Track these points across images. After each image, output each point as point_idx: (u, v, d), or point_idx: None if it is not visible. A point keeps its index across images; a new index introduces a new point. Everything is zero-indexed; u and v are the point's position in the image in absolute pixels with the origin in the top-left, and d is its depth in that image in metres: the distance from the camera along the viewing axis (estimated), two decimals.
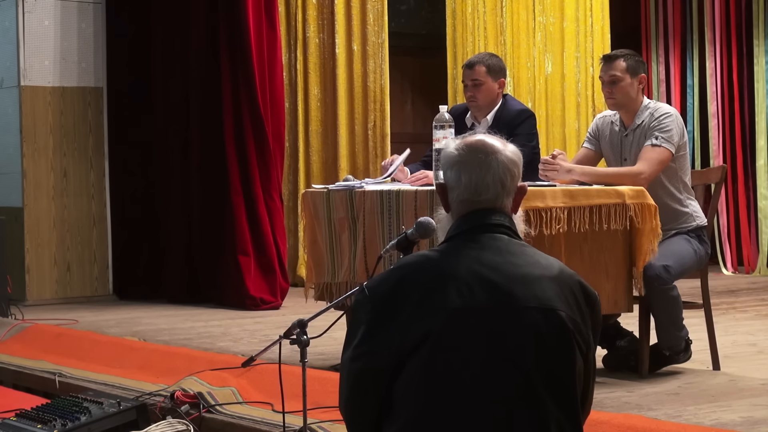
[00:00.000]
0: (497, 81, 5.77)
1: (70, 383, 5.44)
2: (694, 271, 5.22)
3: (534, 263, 2.70)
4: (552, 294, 2.65)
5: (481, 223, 2.75)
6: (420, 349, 2.60)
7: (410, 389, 2.61)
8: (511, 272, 2.66)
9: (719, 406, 4.31)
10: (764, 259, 9.72)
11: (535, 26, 10.22)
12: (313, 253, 5.50)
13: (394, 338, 2.63)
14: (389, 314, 2.66)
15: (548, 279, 2.67)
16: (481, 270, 2.65)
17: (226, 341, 6.29)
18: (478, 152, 2.80)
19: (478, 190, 2.77)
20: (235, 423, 4.48)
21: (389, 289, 2.69)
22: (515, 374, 2.59)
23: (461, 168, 2.79)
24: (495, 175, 2.78)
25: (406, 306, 2.65)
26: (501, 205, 2.79)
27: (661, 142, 5.07)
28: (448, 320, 2.60)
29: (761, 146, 9.80)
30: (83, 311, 7.88)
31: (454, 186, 2.80)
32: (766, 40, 9.80)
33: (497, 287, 2.63)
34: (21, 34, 8.58)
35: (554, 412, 2.59)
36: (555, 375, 2.61)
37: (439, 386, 2.59)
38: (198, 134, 8.39)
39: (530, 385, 2.59)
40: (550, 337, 2.61)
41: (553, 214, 4.68)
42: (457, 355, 2.59)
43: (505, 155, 2.81)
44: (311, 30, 9.28)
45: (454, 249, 2.73)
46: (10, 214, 8.37)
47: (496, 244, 2.72)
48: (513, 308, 2.61)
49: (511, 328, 2.60)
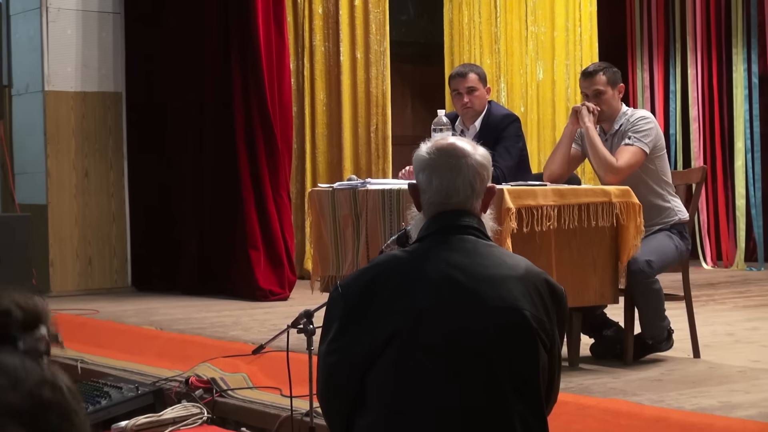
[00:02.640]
0: (485, 88, 5.83)
1: (92, 369, 5.46)
2: (676, 265, 5.24)
3: (501, 264, 2.66)
4: (517, 293, 2.60)
5: (451, 224, 2.70)
6: (389, 346, 2.56)
7: (380, 385, 2.58)
8: (478, 273, 2.61)
9: (699, 392, 4.32)
10: (741, 255, 9.73)
11: (528, 35, 10.23)
12: (318, 248, 5.51)
13: (365, 335, 2.60)
14: (361, 312, 2.63)
15: (514, 279, 2.62)
16: (449, 271, 2.61)
17: (238, 330, 6.30)
18: (449, 156, 2.75)
19: (449, 193, 2.71)
20: (246, 407, 4.49)
21: (361, 288, 2.66)
22: (480, 371, 2.55)
23: (432, 171, 2.74)
24: (465, 179, 2.72)
25: (376, 305, 2.61)
26: (470, 207, 2.73)
27: (634, 141, 5.13)
28: (416, 319, 2.57)
29: (739, 148, 9.81)
30: (103, 302, 7.88)
31: (426, 188, 2.74)
32: (743, 48, 9.80)
33: (464, 288, 2.59)
34: (45, 43, 8.59)
35: (518, 407, 2.56)
36: (519, 371, 2.57)
37: (407, 382, 2.55)
38: (211, 136, 8.40)
39: (495, 381, 2.56)
40: (514, 335, 2.58)
41: (544, 211, 4.69)
42: (424, 353, 2.56)
43: (475, 159, 2.75)
44: (317, 39, 9.29)
45: (424, 250, 2.69)
46: (35, 211, 8.38)
47: (464, 246, 2.67)
48: (479, 307, 2.58)
49: (476, 326, 2.57)
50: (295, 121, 8.95)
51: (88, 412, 4.33)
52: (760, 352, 5.31)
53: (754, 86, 9.75)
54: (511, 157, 5.71)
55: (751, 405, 4.03)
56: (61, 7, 8.65)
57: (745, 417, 3.78)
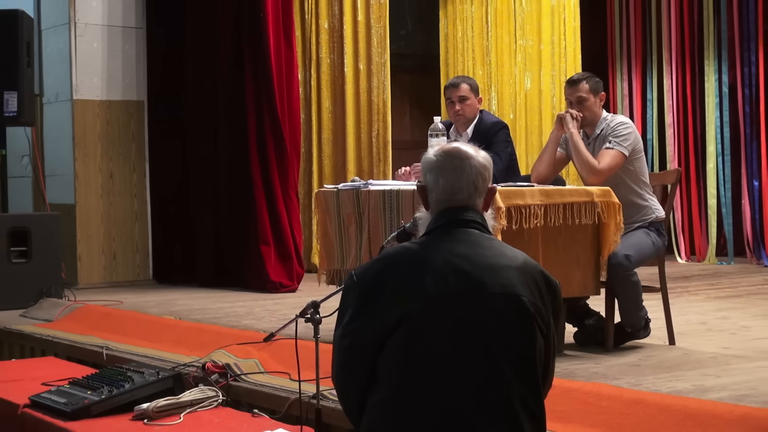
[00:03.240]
0: (477, 98, 5.86)
1: (116, 355, 5.46)
2: (653, 259, 5.23)
3: (501, 254, 2.69)
4: (516, 281, 2.63)
5: (456, 218, 2.75)
6: (399, 329, 2.59)
7: (391, 364, 2.60)
8: (481, 262, 2.64)
9: (674, 376, 4.32)
10: (713, 250, 9.73)
11: (516, 49, 10.23)
12: (324, 244, 5.51)
13: (377, 319, 2.63)
14: (373, 298, 2.65)
15: (513, 269, 2.66)
16: (454, 260, 2.64)
17: (250, 319, 6.29)
18: (453, 158, 2.80)
19: (454, 191, 2.76)
20: (257, 390, 4.48)
21: (373, 276, 2.69)
22: (482, 352, 2.57)
23: (439, 172, 2.79)
24: (468, 178, 2.77)
25: (388, 290, 2.64)
26: (473, 203, 2.78)
27: (614, 145, 5.13)
28: (424, 304, 2.59)
29: (711, 152, 9.80)
30: (127, 293, 7.89)
31: (433, 187, 2.79)
32: (715, 61, 9.80)
33: (468, 275, 2.62)
34: (73, 55, 8.59)
35: (517, 386, 2.57)
36: (518, 352, 2.59)
37: (415, 362, 2.57)
38: (226, 141, 8.40)
39: (495, 362, 2.57)
40: (513, 319, 2.60)
41: (531, 210, 4.68)
42: (431, 334, 2.58)
43: (477, 161, 2.80)
44: (323, 51, 9.28)
45: (432, 242, 2.72)
46: (63, 210, 8.38)
47: (468, 238, 2.71)
48: (481, 294, 2.61)
49: (479, 311, 2.59)
50: (303, 127, 8.95)
51: (112, 395, 4.33)
52: (730, 339, 5.31)
53: (724, 95, 9.75)
54: (501, 160, 5.72)
55: (722, 388, 4.02)
56: (88, 22, 8.64)
57: (716, 399, 3.77)
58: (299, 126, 8.50)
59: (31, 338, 6.37)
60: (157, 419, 4.18)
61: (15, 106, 7.77)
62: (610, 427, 3.57)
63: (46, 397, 4.47)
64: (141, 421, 4.17)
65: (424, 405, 2.56)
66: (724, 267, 9.32)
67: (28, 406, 4.50)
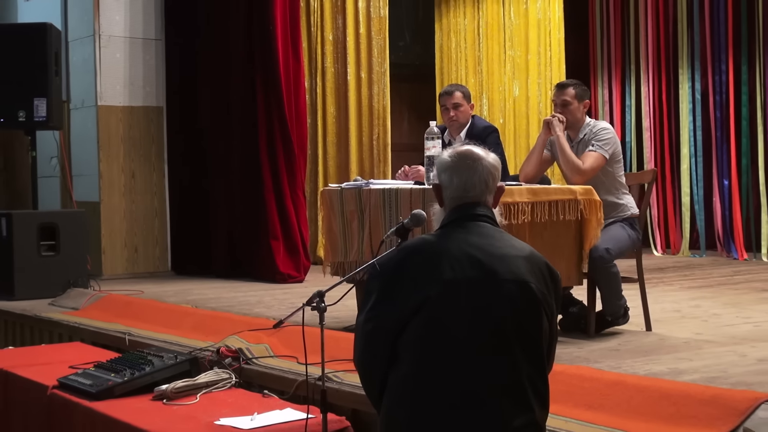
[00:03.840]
0: (469, 104, 5.86)
1: (137, 341, 5.46)
2: (630, 252, 5.24)
3: (510, 246, 2.73)
4: (525, 270, 2.67)
5: (469, 213, 2.79)
6: (420, 311, 2.62)
7: (412, 343, 2.62)
8: (493, 252, 2.68)
9: (651, 360, 4.32)
10: (686, 243, 9.73)
11: (506, 58, 10.23)
12: (329, 238, 5.51)
13: (399, 303, 2.65)
14: (395, 285, 2.69)
15: (521, 258, 2.70)
16: (468, 249, 2.67)
17: (261, 308, 6.30)
18: (467, 159, 2.84)
19: (467, 188, 2.80)
20: (267, 372, 4.48)
21: (395, 265, 2.72)
22: (495, 332, 2.60)
23: (454, 171, 2.83)
24: (480, 177, 2.82)
25: (408, 278, 2.67)
26: (484, 200, 2.83)
27: (596, 148, 5.14)
28: (442, 289, 2.62)
29: (684, 154, 9.80)
30: (147, 284, 7.89)
31: (448, 185, 2.83)
32: (688, 70, 9.80)
33: (481, 263, 2.65)
34: (98, 65, 8.58)
35: (526, 367, 2.60)
36: (526, 333, 2.62)
37: (435, 341, 2.61)
38: (238, 144, 8.40)
39: (506, 342, 2.60)
40: (522, 304, 2.63)
41: (519, 207, 4.68)
42: (449, 316, 2.61)
43: (488, 161, 2.85)
44: (328, 61, 9.28)
45: (447, 233, 2.76)
46: (89, 207, 8.38)
47: (480, 230, 2.75)
48: (494, 280, 2.64)
49: (492, 296, 2.62)
50: (310, 131, 8.95)
51: (134, 377, 4.33)
52: (702, 326, 5.31)
53: (697, 101, 9.75)
54: None
55: (694, 371, 4.03)
56: (111, 34, 8.64)
57: (689, 381, 3.78)
58: (306, 130, 8.49)
59: (60, 325, 6.37)
60: (175, 399, 4.18)
61: (44, 112, 7.77)
62: (592, 407, 3.57)
63: (73, 379, 4.47)
64: (160, 401, 4.17)
65: (442, 383, 2.58)
66: (697, 259, 9.32)
67: (57, 387, 4.50)
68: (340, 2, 9.27)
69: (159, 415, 3.96)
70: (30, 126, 7.84)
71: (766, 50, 9.12)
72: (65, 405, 4.36)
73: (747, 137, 9.35)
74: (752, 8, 9.26)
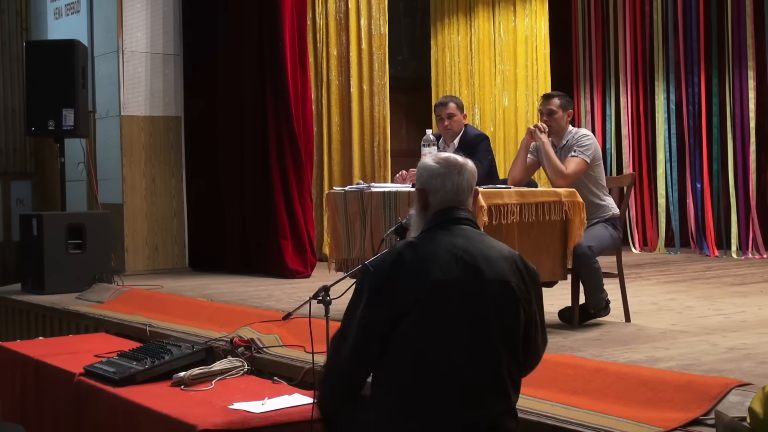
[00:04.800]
0: (462, 114, 5.86)
1: (157, 332, 5.46)
2: (611, 249, 5.23)
3: (491, 247, 2.72)
4: (505, 269, 2.66)
5: (453, 217, 2.76)
6: (413, 309, 2.60)
7: (406, 338, 2.61)
8: (477, 253, 2.66)
9: (630, 348, 4.32)
10: (662, 241, 9.72)
11: (496, 72, 10.22)
12: (334, 237, 5.50)
13: (390, 303, 2.63)
14: (387, 286, 2.66)
15: (502, 258, 2.69)
16: (455, 251, 2.66)
17: (271, 301, 6.29)
18: (454, 165, 2.83)
19: (458, 192, 2.79)
20: (277, 360, 4.48)
21: (387, 267, 2.69)
22: (482, 328, 2.59)
23: (445, 177, 2.80)
24: (467, 181, 2.81)
25: (400, 279, 2.64)
26: (468, 204, 2.81)
27: (579, 153, 5.13)
28: (431, 289, 2.61)
29: (660, 159, 9.80)
30: (166, 279, 7.88)
31: (440, 189, 2.80)
32: (663, 82, 9.78)
33: (467, 264, 2.64)
34: (121, 78, 8.59)
35: (505, 357, 2.60)
36: (506, 327, 2.63)
37: (427, 335, 2.59)
38: (250, 152, 8.39)
39: (491, 337, 2.59)
40: (504, 301, 2.63)
41: (508, 208, 4.68)
42: (438, 313, 2.60)
43: (469, 167, 2.86)
44: (333, 75, 9.27)
45: (434, 236, 2.73)
46: (113, 208, 8.38)
47: (464, 233, 2.73)
48: (479, 280, 2.63)
49: (477, 293, 2.62)
50: (316, 139, 8.94)
51: (154, 365, 4.32)
52: (677, 317, 5.30)
53: (671, 111, 9.74)
54: (483, 166, 5.71)
55: (670, 359, 4.02)
56: (133, 50, 8.64)
57: (665, 368, 3.77)
58: (312, 137, 8.49)
59: (86, 317, 6.37)
60: (192, 385, 4.17)
61: (72, 121, 7.78)
62: (576, 392, 3.56)
63: (98, 367, 4.46)
64: (178, 387, 4.16)
65: (433, 368, 2.57)
66: (672, 256, 9.31)
67: (83, 374, 4.50)
68: (344, 20, 9.26)
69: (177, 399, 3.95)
70: (59, 134, 7.85)
71: (735, 64, 9.12)
72: (91, 391, 4.35)
73: (718, 144, 9.34)
74: (722, 25, 9.27)
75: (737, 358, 4.01)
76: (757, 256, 8.84)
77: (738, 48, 9.09)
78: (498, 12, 10.25)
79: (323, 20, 9.23)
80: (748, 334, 4.62)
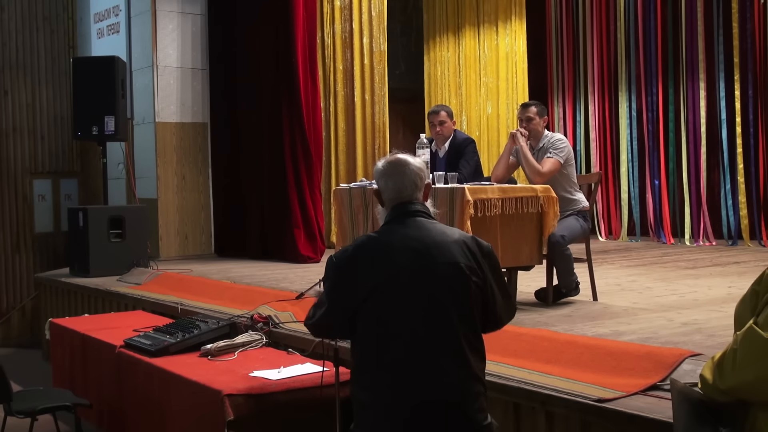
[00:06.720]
0: (452, 121, 5.85)
1: (188, 309, 5.46)
2: (581, 238, 5.22)
3: (442, 233, 2.67)
4: (455, 252, 2.62)
5: (406, 211, 2.71)
6: (373, 295, 2.57)
7: (369, 320, 2.58)
8: (428, 241, 2.62)
9: (597, 323, 4.32)
10: (625, 231, 9.71)
11: (480, 84, 10.21)
12: (340, 227, 5.50)
13: (352, 290, 2.61)
14: (349, 275, 2.63)
15: (451, 242, 2.64)
16: (408, 242, 2.62)
17: (286, 283, 6.29)
18: (397, 165, 2.77)
19: (400, 189, 2.73)
20: (291, 335, 4.48)
21: (348, 258, 2.66)
22: (436, 306, 2.56)
23: (388, 177, 2.76)
24: (409, 179, 2.74)
25: (360, 269, 2.61)
26: (416, 197, 2.75)
27: (553, 155, 5.12)
28: (389, 276, 2.57)
29: (624, 159, 9.79)
30: (195, 264, 7.88)
31: (385, 189, 2.76)
32: (626, 92, 9.77)
33: (420, 252, 2.60)
34: (155, 89, 8.57)
35: (462, 327, 2.57)
36: (460, 302, 2.58)
37: (387, 317, 2.56)
38: (268, 153, 8.38)
39: (445, 313, 2.56)
40: (454, 281, 2.59)
41: (492, 202, 4.67)
42: (396, 297, 2.56)
43: (415, 165, 2.77)
44: (339, 86, 9.25)
45: (390, 229, 2.70)
46: (149, 203, 8.38)
47: (416, 224, 2.68)
48: (431, 264, 2.59)
49: (430, 277, 2.58)
50: (324, 142, 8.93)
51: (184, 338, 4.33)
52: (638, 296, 5.30)
53: (633, 118, 9.73)
54: (470, 166, 5.71)
55: (632, 333, 4.02)
56: (166, 65, 8.62)
57: (628, 341, 3.77)
58: (321, 141, 8.48)
59: (125, 297, 6.37)
60: (217, 356, 4.18)
61: (113, 127, 7.78)
62: (550, 361, 3.56)
63: (136, 340, 4.47)
64: (206, 358, 4.17)
65: (396, 344, 2.54)
66: (633, 243, 9.31)
67: (123, 347, 4.50)
68: (349, 39, 9.24)
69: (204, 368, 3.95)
70: (101, 138, 7.85)
71: (689, 77, 9.11)
72: (130, 361, 4.36)
73: (673, 146, 9.34)
74: (677, 43, 9.28)
75: (690, 331, 4.01)
76: (707, 244, 8.84)
77: (691, 63, 9.08)
78: (482, 32, 10.24)
79: (331, 39, 9.21)
80: (699, 311, 4.62)
